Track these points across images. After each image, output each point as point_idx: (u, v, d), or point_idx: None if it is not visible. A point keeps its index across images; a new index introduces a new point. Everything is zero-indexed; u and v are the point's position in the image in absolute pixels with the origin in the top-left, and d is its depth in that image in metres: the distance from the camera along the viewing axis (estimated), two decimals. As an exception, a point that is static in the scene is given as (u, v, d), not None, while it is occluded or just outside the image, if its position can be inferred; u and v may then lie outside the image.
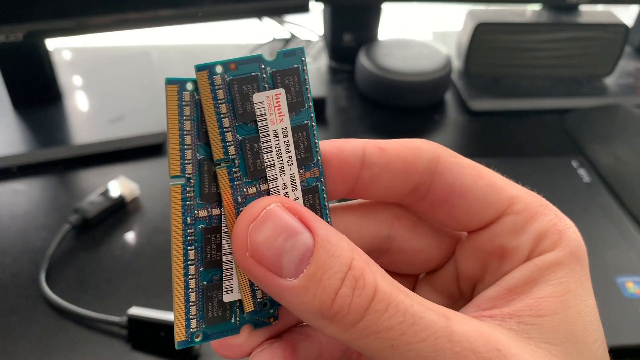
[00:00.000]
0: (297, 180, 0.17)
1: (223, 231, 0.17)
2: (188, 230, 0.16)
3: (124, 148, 0.55)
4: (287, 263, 0.15)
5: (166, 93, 0.16)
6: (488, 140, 0.60)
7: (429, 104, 0.65)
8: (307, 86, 0.17)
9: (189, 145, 0.16)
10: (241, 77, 0.16)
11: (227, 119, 0.16)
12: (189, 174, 0.16)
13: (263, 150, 0.17)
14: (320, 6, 0.69)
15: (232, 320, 0.17)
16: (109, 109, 0.60)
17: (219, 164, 0.16)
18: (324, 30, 0.73)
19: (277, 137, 0.17)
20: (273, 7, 0.60)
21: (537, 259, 0.18)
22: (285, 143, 0.17)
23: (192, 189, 0.16)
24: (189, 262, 0.16)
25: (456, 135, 0.61)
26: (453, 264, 0.21)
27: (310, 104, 0.17)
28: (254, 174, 0.17)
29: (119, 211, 0.49)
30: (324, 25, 0.72)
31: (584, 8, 0.67)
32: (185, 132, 0.16)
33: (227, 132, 0.16)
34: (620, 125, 0.61)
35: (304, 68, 0.17)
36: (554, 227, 0.19)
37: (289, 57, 0.17)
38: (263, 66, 0.17)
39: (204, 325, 0.17)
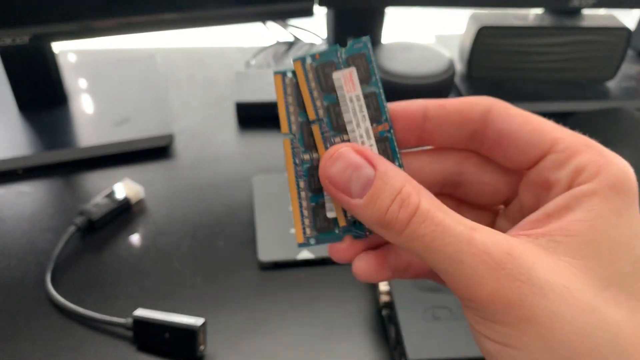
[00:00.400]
0: (371, 132, 0.23)
1: None
2: (297, 168, 0.23)
3: (128, 150, 0.56)
4: (354, 187, 0.21)
5: (274, 81, 0.23)
6: (491, 144, 0.60)
7: (432, 107, 0.65)
8: (373, 65, 0.23)
9: (292, 112, 0.23)
10: (323, 62, 0.23)
11: (316, 91, 0.23)
12: (294, 131, 0.23)
13: (343, 111, 0.23)
14: (324, 10, 0.70)
15: (336, 231, 0.24)
16: (114, 112, 0.61)
17: (314, 123, 0.23)
18: (327, 33, 0.73)
19: (352, 101, 0.23)
20: (277, 11, 0.61)
21: (574, 189, 0.21)
22: (360, 106, 0.23)
23: (297, 141, 0.23)
24: (300, 189, 0.23)
25: (459, 139, 0.61)
26: (518, 198, 0.24)
27: (377, 77, 0.23)
28: (338, 129, 0.23)
29: (124, 213, 0.50)
30: (327, 28, 0.73)
31: (586, 12, 0.67)
32: (289, 104, 0.23)
33: (317, 100, 0.23)
34: (622, 129, 0.61)
35: (370, 52, 0.23)
36: (594, 162, 0.21)
37: (358, 45, 0.23)
38: (339, 54, 0.23)
39: (315, 233, 0.23)
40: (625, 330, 0.19)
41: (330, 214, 0.24)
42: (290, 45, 0.79)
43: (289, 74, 0.23)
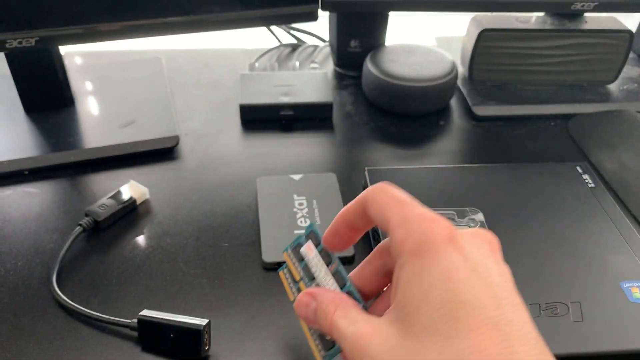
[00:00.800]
0: (329, 272, 0.34)
1: None
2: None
3: (134, 152, 0.56)
4: (312, 315, 0.32)
5: (280, 275, 0.37)
6: (493, 146, 0.60)
7: (434, 110, 0.65)
8: (319, 234, 0.35)
9: (290, 280, 0.36)
10: (295, 246, 0.36)
11: (296, 263, 0.36)
12: (288, 280, 0.36)
13: (310, 267, 0.35)
14: (327, 13, 0.70)
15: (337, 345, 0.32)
16: (120, 114, 0.61)
17: (300, 281, 0.35)
18: (330, 36, 0.74)
19: (313, 260, 0.35)
20: (281, 15, 0.61)
21: (395, 269, 0.29)
22: (318, 260, 0.35)
23: (289, 283, 0.36)
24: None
25: (461, 141, 0.61)
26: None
27: (321, 241, 0.35)
28: (311, 277, 0.35)
29: (130, 214, 0.50)
30: (330, 31, 0.73)
31: (588, 14, 0.68)
32: (288, 279, 0.37)
33: (297, 267, 0.36)
34: (624, 131, 0.61)
35: (315, 228, 0.36)
36: (401, 240, 0.28)
37: (310, 228, 0.36)
38: (302, 237, 0.36)
39: (324, 353, 0.33)
40: (416, 358, 0.25)
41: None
42: (293, 47, 0.79)
43: (284, 266, 0.37)
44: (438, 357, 0.24)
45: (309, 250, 0.36)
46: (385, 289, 0.34)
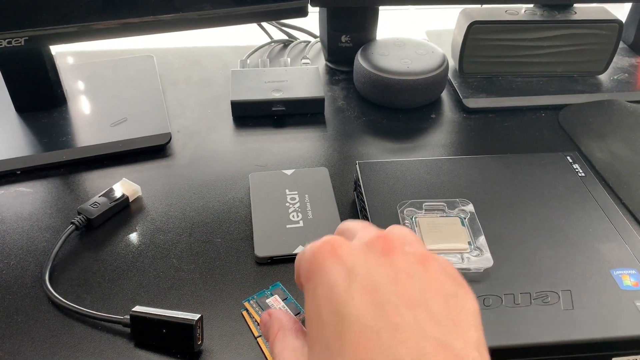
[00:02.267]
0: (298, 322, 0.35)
1: None
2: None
3: (126, 150, 0.56)
4: (266, 333, 0.33)
5: (243, 314, 0.41)
6: (484, 138, 0.61)
7: (425, 103, 0.65)
8: (284, 289, 0.42)
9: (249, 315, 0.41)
10: (259, 297, 0.42)
11: (258, 312, 0.41)
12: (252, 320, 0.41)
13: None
14: (317, 9, 0.70)
15: None
16: (111, 112, 0.61)
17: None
18: (320, 32, 0.74)
19: (279, 305, 0.41)
20: (271, 11, 0.61)
21: None
22: (287, 312, 0.40)
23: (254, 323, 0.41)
24: None
25: (452, 134, 0.61)
26: None
27: (287, 293, 0.42)
28: None
29: (122, 212, 0.50)
30: (320, 27, 0.73)
31: (577, 5, 0.68)
32: (248, 315, 0.41)
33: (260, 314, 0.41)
34: (614, 121, 0.61)
35: (280, 285, 0.43)
36: (301, 278, 0.30)
37: (275, 285, 0.43)
38: (268, 292, 0.42)
39: None
40: None
41: None
42: (285, 43, 0.79)
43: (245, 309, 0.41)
44: None
45: (275, 302, 0.41)
46: None
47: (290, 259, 0.45)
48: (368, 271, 0.27)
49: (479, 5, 0.68)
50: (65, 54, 0.74)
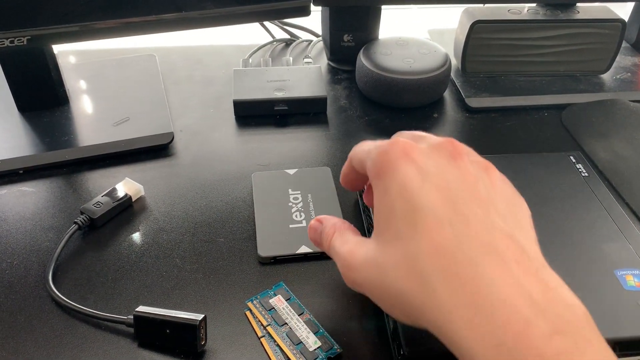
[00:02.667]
0: (301, 320, 0.40)
1: None
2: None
3: (129, 149, 0.56)
4: (318, 238, 0.38)
5: (246, 315, 0.41)
6: (487, 137, 0.60)
7: (428, 103, 0.65)
8: (288, 289, 0.42)
9: (253, 316, 0.40)
10: (262, 297, 0.42)
11: (262, 312, 0.41)
12: (256, 320, 0.40)
13: (280, 315, 0.40)
14: (320, 8, 0.70)
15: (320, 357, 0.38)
16: (114, 111, 0.61)
17: (267, 326, 0.40)
18: (323, 31, 0.74)
19: (284, 309, 0.41)
20: (273, 10, 0.61)
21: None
22: (289, 310, 0.41)
23: (257, 323, 0.40)
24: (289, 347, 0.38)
25: (455, 133, 0.61)
26: None
27: (291, 295, 0.42)
28: (280, 324, 0.40)
29: (125, 212, 0.50)
30: (322, 26, 0.73)
31: (580, 4, 0.68)
32: (252, 315, 0.41)
33: (264, 315, 0.40)
34: (618, 120, 0.61)
35: (283, 284, 0.43)
36: (365, 166, 0.34)
37: (278, 284, 0.43)
38: (273, 290, 0.42)
39: None
40: (387, 260, 0.30)
41: (313, 347, 0.38)
42: (287, 43, 0.79)
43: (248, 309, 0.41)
44: (402, 254, 0.29)
45: (278, 302, 0.41)
46: None
47: (293, 258, 0.45)
48: (439, 171, 0.30)
49: (481, 5, 0.68)
50: (68, 53, 0.74)
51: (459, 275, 0.26)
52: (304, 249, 0.45)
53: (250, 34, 0.81)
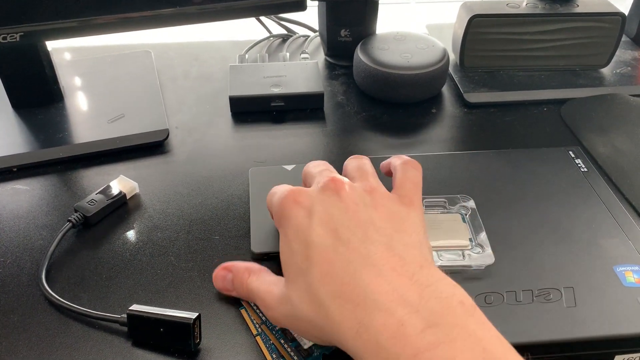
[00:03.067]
0: None
1: None
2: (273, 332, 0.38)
3: (124, 146, 0.56)
4: (229, 285, 0.40)
5: (242, 313, 0.40)
6: (485, 133, 0.60)
7: (426, 98, 0.65)
8: None
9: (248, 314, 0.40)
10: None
11: (256, 310, 0.40)
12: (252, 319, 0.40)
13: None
14: (316, 3, 0.69)
15: (315, 354, 0.37)
16: (109, 108, 0.61)
17: (261, 324, 0.39)
18: (320, 26, 0.73)
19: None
20: (270, 5, 0.61)
21: None
22: None
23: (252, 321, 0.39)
24: (284, 346, 0.37)
25: (453, 129, 0.61)
26: None
27: None
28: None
29: (120, 209, 0.50)
30: (319, 21, 0.72)
31: (580, -2, 0.67)
32: (247, 313, 0.40)
33: (258, 313, 0.40)
34: (617, 115, 0.61)
35: None
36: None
37: None
38: None
39: None
40: (293, 295, 0.34)
41: (308, 344, 0.37)
42: (283, 38, 0.78)
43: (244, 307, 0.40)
44: (304, 287, 0.33)
45: None
46: None
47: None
48: (324, 209, 0.34)
49: (479, -1, 0.67)
50: (62, 50, 0.73)
51: (344, 293, 0.30)
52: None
53: (246, 30, 0.81)
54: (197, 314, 0.37)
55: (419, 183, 0.38)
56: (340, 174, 0.39)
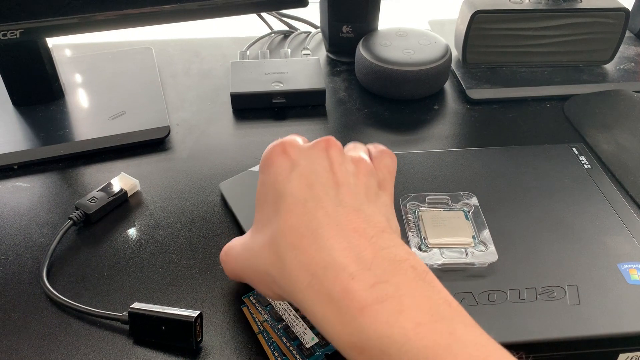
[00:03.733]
0: (298, 317, 0.39)
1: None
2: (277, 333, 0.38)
3: (125, 144, 0.55)
4: None
5: (245, 311, 0.40)
6: (488, 129, 0.60)
7: (428, 94, 0.64)
8: None
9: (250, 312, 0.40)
10: (257, 294, 0.41)
11: (258, 308, 0.40)
12: (254, 316, 0.39)
13: (278, 312, 0.39)
14: (318, -2, 0.69)
15: (317, 353, 0.37)
16: (110, 105, 0.60)
17: (263, 322, 0.39)
18: (321, 22, 0.73)
19: (281, 304, 0.40)
20: (271, 1, 0.60)
21: None
22: (288, 307, 0.39)
23: (254, 318, 0.39)
24: (286, 345, 0.38)
25: (456, 125, 0.60)
26: None
27: None
28: (277, 319, 0.39)
29: (121, 207, 0.49)
30: (321, 17, 0.72)
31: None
32: (248, 311, 0.40)
33: (260, 311, 0.39)
34: (620, 111, 0.60)
35: None
36: None
37: None
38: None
39: None
40: (256, 244, 0.34)
41: (310, 343, 0.37)
42: (285, 34, 0.78)
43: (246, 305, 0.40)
44: (267, 237, 0.33)
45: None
46: None
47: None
48: (308, 163, 0.34)
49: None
50: (62, 47, 0.73)
51: (303, 246, 0.31)
52: None
53: (247, 26, 0.80)
54: (199, 312, 0.37)
55: (394, 172, 0.38)
56: None
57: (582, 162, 0.51)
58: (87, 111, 0.60)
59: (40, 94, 0.60)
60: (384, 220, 0.33)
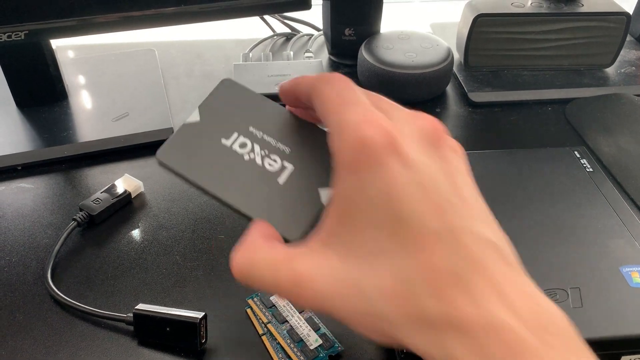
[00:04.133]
0: (302, 319, 0.39)
1: None
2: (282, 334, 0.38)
3: (128, 145, 0.56)
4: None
5: (248, 312, 0.40)
6: (490, 132, 0.60)
7: (430, 97, 0.65)
8: None
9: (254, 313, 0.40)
10: (261, 295, 0.41)
11: (262, 309, 0.40)
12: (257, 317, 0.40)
13: (282, 313, 0.39)
14: (320, 1, 0.69)
15: (321, 355, 0.37)
16: (113, 107, 0.61)
17: (267, 323, 0.39)
18: (324, 25, 0.73)
19: (286, 305, 0.40)
20: (274, 4, 0.60)
21: (333, 188, 0.25)
22: (292, 309, 0.40)
23: (258, 320, 0.40)
24: (290, 346, 0.38)
25: (458, 128, 0.61)
26: None
27: None
28: (280, 321, 0.39)
29: (125, 208, 0.50)
30: (324, 20, 0.72)
31: (585, -2, 0.67)
32: (252, 313, 0.40)
33: (264, 312, 0.40)
34: (622, 115, 0.60)
35: None
36: (335, 155, 0.25)
37: None
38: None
39: None
40: (369, 282, 0.23)
41: (314, 345, 0.37)
42: (287, 37, 0.78)
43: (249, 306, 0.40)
44: (391, 276, 0.23)
45: (279, 299, 0.40)
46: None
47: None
48: (424, 164, 0.24)
49: (484, -2, 0.67)
50: (66, 48, 0.73)
51: (449, 296, 0.22)
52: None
53: (250, 28, 0.80)
54: (203, 313, 0.37)
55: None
56: None
57: (584, 165, 0.51)
58: (90, 112, 0.60)
59: (44, 95, 0.60)
60: (510, 246, 0.26)
